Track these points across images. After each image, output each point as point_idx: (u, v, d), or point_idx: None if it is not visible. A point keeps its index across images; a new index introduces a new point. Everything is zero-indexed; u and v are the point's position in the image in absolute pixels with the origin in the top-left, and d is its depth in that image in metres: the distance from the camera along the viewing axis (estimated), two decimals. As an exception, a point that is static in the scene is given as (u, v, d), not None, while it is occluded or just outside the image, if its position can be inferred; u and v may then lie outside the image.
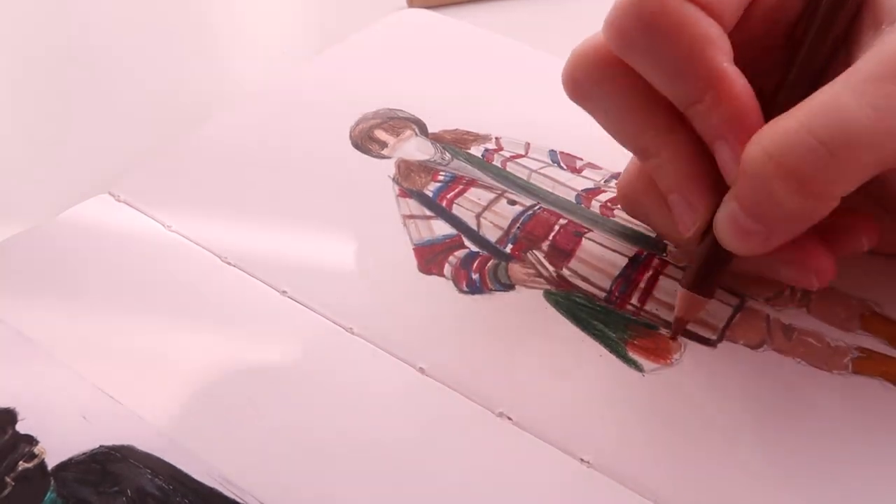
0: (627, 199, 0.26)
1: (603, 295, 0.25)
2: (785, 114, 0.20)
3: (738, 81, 0.20)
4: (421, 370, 0.23)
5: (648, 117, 0.22)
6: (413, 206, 0.28)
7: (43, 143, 0.33)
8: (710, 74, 0.20)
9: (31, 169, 0.32)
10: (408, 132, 0.31)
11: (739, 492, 0.20)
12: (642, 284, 0.25)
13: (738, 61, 0.21)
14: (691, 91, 0.21)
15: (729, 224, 0.21)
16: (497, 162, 0.30)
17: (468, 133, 0.31)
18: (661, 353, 0.23)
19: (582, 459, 0.21)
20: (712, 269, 0.22)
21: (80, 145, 0.32)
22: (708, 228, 0.22)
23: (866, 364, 0.23)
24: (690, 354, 0.23)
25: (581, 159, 0.30)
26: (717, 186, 0.22)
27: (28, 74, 0.37)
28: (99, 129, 0.33)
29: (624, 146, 0.24)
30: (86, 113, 0.34)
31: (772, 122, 0.20)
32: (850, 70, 0.19)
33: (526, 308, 0.25)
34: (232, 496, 0.20)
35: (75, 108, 0.34)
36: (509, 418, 0.22)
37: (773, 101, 0.21)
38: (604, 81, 0.23)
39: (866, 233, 0.22)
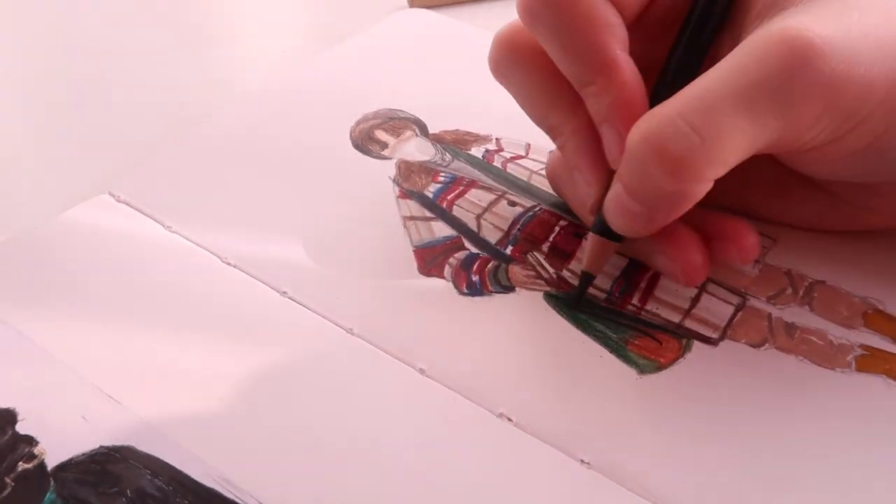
0: (549, 176, 0.28)
1: (603, 296, 0.25)
2: (664, 102, 0.21)
3: (627, 69, 0.22)
4: (421, 371, 0.23)
5: (554, 96, 0.24)
6: (413, 207, 0.28)
7: (43, 144, 0.33)
8: (602, 59, 0.22)
9: (31, 169, 0.32)
10: (408, 133, 0.31)
11: (741, 492, 0.20)
12: (643, 284, 0.25)
13: (641, 50, 0.22)
14: (584, 73, 0.22)
15: (615, 205, 0.22)
16: (497, 163, 0.30)
17: (468, 134, 0.31)
18: (662, 353, 0.23)
19: (582, 460, 0.21)
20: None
21: (80, 145, 0.32)
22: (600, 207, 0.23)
23: (870, 361, 0.23)
24: (692, 353, 0.23)
25: (582, 159, 0.30)
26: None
27: (28, 75, 0.37)
28: (99, 129, 0.33)
29: (537, 125, 0.25)
30: (86, 113, 0.34)
31: (652, 110, 0.21)
32: (721, 62, 0.20)
33: (526, 310, 0.24)
34: (232, 496, 0.20)
35: (75, 108, 0.34)
36: (510, 419, 0.22)
37: (657, 89, 0.22)
38: (518, 61, 0.24)
39: (737, 243, 0.23)
